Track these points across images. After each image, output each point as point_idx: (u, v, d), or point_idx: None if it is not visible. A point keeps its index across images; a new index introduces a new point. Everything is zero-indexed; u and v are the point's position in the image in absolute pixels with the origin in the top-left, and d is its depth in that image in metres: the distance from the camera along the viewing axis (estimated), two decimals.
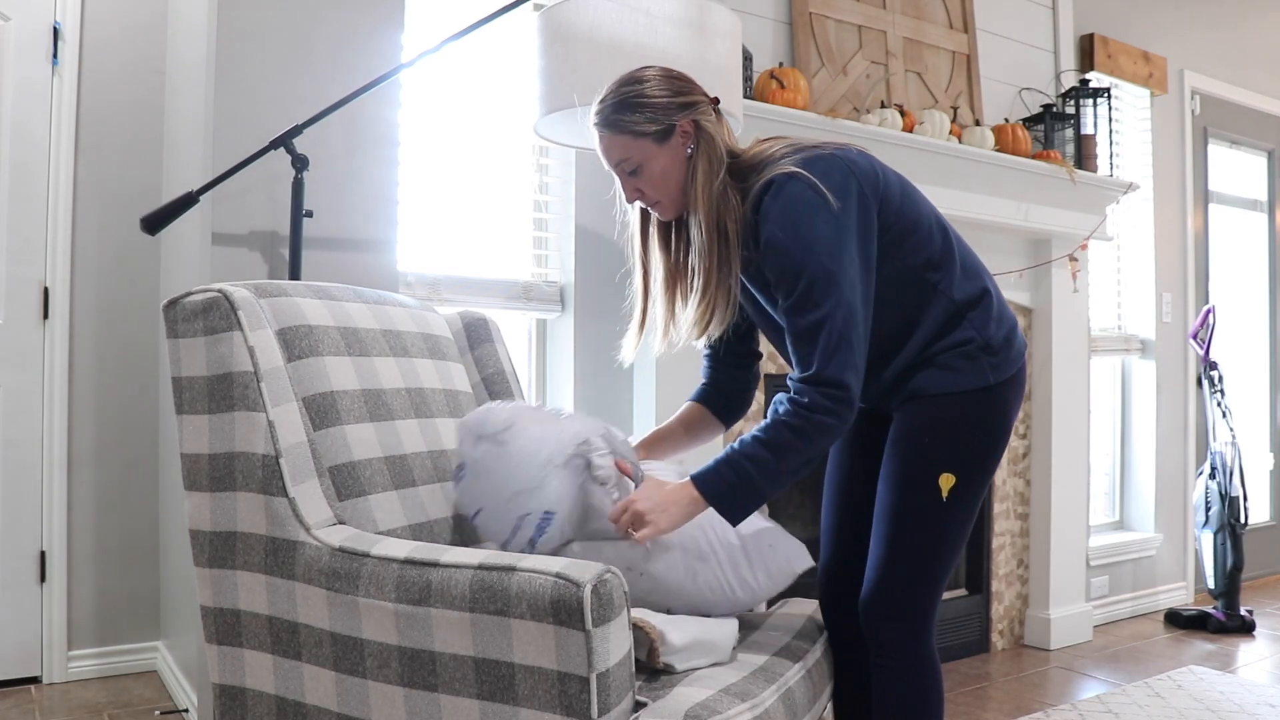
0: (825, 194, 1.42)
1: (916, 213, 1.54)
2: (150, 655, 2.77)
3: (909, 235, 1.52)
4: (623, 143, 1.50)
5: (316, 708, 1.35)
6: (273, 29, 2.10)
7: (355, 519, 1.46)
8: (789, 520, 2.93)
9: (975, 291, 1.55)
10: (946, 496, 1.51)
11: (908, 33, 3.15)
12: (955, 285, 1.54)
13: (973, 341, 1.52)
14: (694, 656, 1.38)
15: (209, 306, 1.42)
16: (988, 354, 1.53)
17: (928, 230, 1.54)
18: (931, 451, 1.52)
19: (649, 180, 1.51)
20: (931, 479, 1.51)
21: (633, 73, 1.53)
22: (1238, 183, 4.53)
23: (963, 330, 1.53)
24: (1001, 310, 1.58)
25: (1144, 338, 4.00)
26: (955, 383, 1.52)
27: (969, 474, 1.53)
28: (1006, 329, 1.56)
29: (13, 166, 2.62)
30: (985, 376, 1.52)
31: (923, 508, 1.52)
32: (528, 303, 2.59)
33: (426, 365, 1.74)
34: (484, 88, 2.62)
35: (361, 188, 2.19)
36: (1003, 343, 1.54)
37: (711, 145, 1.49)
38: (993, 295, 1.57)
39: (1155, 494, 3.96)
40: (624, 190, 1.56)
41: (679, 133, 1.49)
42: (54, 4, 2.66)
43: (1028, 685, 2.93)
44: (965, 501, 1.54)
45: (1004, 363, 1.54)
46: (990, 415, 1.54)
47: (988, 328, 1.54)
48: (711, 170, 1.48)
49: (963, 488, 1.52)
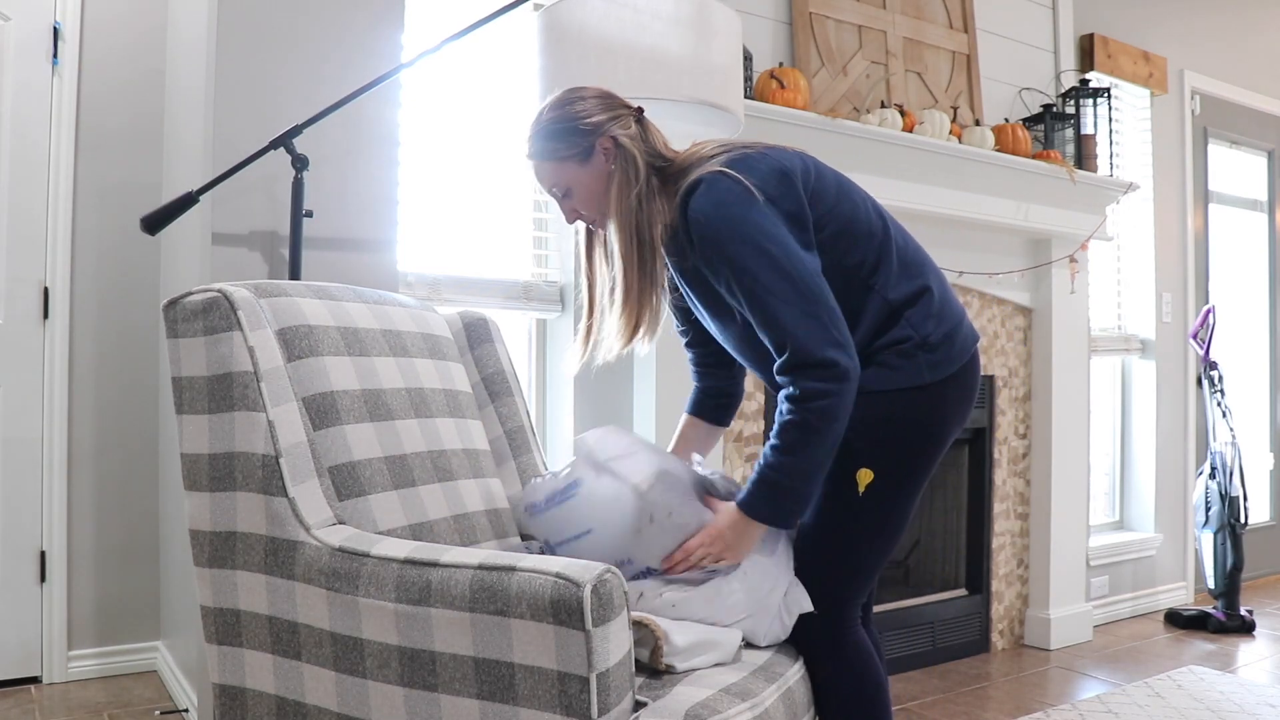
0: (751, 189, 1.45)
1: (853, 211, 1.54)
2: (150, 655, 2.77)
3: (843, 235, 1.52)
4: (550, 169, 1.58)
5: (316, 708, 1.35)
6: (273, 29, 2.10)
7: (355, 519, 1.46)
8: None
9: (913, 289, 1.54)
10: (863, 492, 1.50)
11: (908, 33, 3.15)
12: (891, 284, 1.53)
13: (909, 340, 1.51)
14: (697, 657, 1.38)
15: (209, 306, 1.42)
16: (925, 351, 1.51)
17: (865, 229, 1.54)
18: (852, 447, 1.49)
19: (580, 200, 1.58)
20: (848, 474, 1.50)
21: (553, 99, 1.60)
22: (1238, 183, 4.53)
23: (899, 329, 1.52)
24: (944, 307, 1.56)
25: (1144, 338, 4.00)
26: (890, 381, 1.50)
27: (889, 472, 1.51)
28: (948, 326, 1.54)
29: (13, 166, 2.62)
30: (921, 375, 1.50)
31: (837, 502, 1.52)
32: (528, 303, 2.59)
33: (426, 365, 1.74)
34: (484, 88, 2.62)
35: (361, 188, 2.19)
36: (942, 340, 1.53)
37: (629, 158, 1.52)
38: (933, 292, 1.56)
39: (1155, 494, 3.96)
40: (563, 213, 1.63)
41: (599, 151, 1.54)
42: (54, 4, 2.66)
43: (1028, 685, 2.93)
44: (885, 500, 1.52)
45: (943, 360, 1.52)
46: (923, 414, 1.52)
47: (925, 325, 1.52)
48: (627, 181, 1.52)
49: (882, 485, 1.50)
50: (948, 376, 1.52)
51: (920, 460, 1.54)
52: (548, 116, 1.57)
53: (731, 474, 2.68)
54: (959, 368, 1.54)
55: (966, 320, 1.59)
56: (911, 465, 1.53)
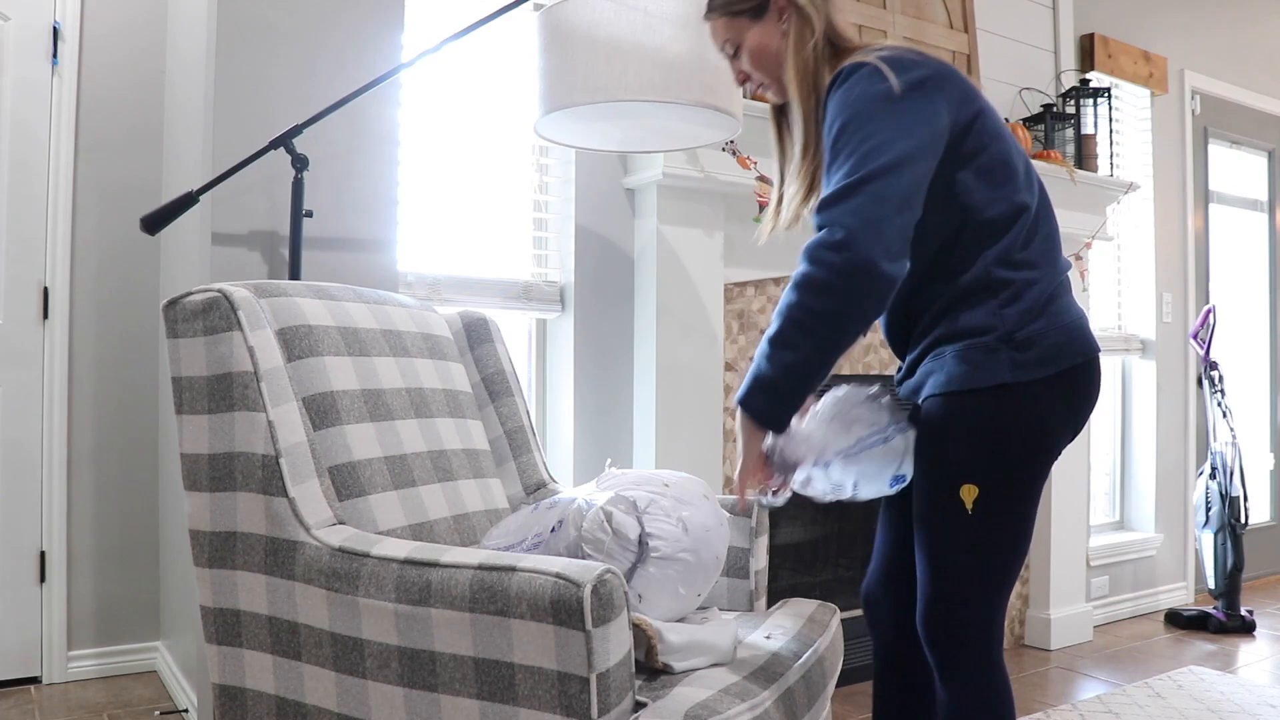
0: (889, 78, 1.35)
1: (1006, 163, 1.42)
2: (150, 655, 2.77)
3: (990, 175, 1.40)
4: (723, 24, 1.54)
5: (316, 708, 1.35)
6: (273, 29, 2.10)
7: (355, 519, 1.46)
8: (789, 520, 2.93)
9: (1017, 276, 1.40)
10: (972, 509, 1.38)
11: (908, 33, 3.15)
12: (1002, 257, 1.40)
13: (992, 331, 1.38)
14: (692, 656, 1.37)
15: (209, 306, 1.42)
16: (1011, 348, 1.38)
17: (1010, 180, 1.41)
18: (947, 461, 1.40)
19: (750, 59, 1.53)
20: (952, 492, 1.39)
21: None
22: (1238, 183, 4.53)
23: (986, 312, 1.39)
24: (1049, 305, 1.41)
25: (1144, 338, 4.00)
26: (966, 379, 1.38)
27: (995, 483, 1.38)
28: (1044, 325, 1.39)
29: (12, 166, 2.62)
30: (1002, 373, 1.37)
31: (949, 523, 1.40)
32: (528, 303, 2.58)
33: (426, 365, 1.74)
34: (484, 88, 2.62)
35: (361, 188, 2.19)
36: (1032, 338, 1.38)
37: (805, 20, 1.48)
38: (1042, 288, 1.41)
39: (1155, 494, 3.96)
40: (734, 74, 1.59)
41: (774, 8, 1.50)
42: (54, 4, 2.66)
43: (1028, 685, 2.93)
44: (998, 513, 1.39)
45: (1033, 361, 1.38)
46: (1014, 417, 1.38)
47: (1014, 317, 1.39)
48: (803, 41, 1.48)
49: (991, 498, 1.38)
50: (1040, 379, 1.38)
51: (1023, 467, 1.40)
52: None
53: (731, 473, 2.68)
54: (1056, 372, 1.39)
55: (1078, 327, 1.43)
56: (1015, 473, 1.40)
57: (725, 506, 1.75)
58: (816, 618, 1.71)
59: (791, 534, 2.95)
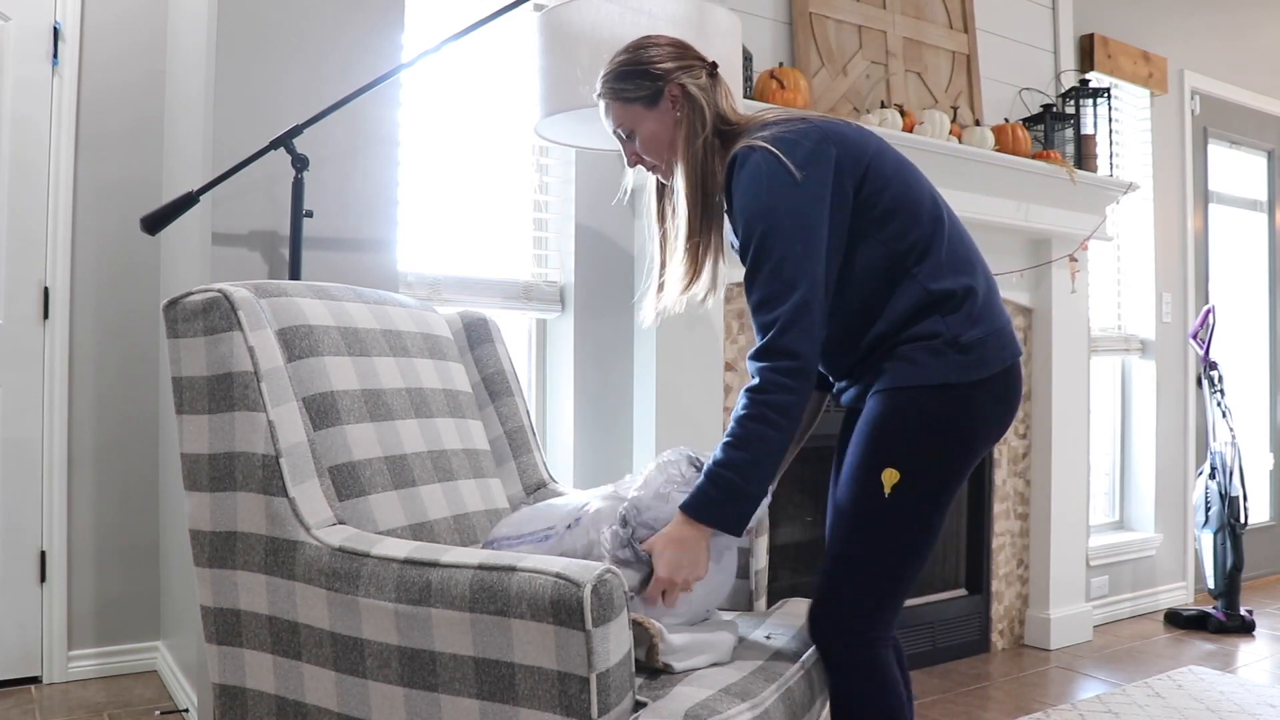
0: (787, 165, 1.43)
1: (906, 194, 1.50)
2: (150, 655, 2.77)
3: (894, 215, 1.48)
4: (617, 109, 1.60)
5: (316, 708, 1.35)
6: (273, 29, 2.10)
7: (355, 519, 1.46)
8: (789, 520, 2.93)
9: (956, 286, 1.48)
10: (889, 493, 1.43)
11: (908, 33, 3.15)
12: (934, 275, 1.47)
13: (939, 336, 1.45)
14: (693, 656, 1.38)
15: (209, 306, 1.42)
16: (956, 351, 1.45)
17: (915, 213, 1.49)
18: (877, 445, 1.45)
19: (643, 144, 1.59)
20: (874, 474, 1.44)
21: (630, 43, 1.61)
22: (1238, 183, 4.53)
23: (932, 322, 1.46)
24: (986, 311, 1.50)
25: (1144, 338, 4.00)
26: (913, 377, 1.45)
27: (917, 471, 1.44)
28: (985, 330, 1.48)
29: (13, 166, 2.62)
30: (948, 374, 1.44)
31: (863, 505, 1.46)
32: (528, 303, 2.59)
33: (426, 365, 1.74)
34: (484, 88, 2.63)
35: (361, 188, 2.19)
36: (975, 342, 1.46)
37: (696, 108, 1.54)
38: (977, 293, 1.49)
39: (1155, 494, 3.96)
40: (625, 156, 1.64)
41: (667, 97, 1.55)
42: (54, 4, 2.66)
43: (1028, 685, 2.93)
44: (914, 503, 1.45)
45: (974, 363, 1.45)
46: (951, 415, 1.45)
47: (960, 324, 1.46)
48: (693, 131, 1.53)
49: (910, 487, 1.44)
50: (977, 380, 1.46)
51: (948, 464, 1.47)
52: (620, 59, 1.59)
53: None
54: (991, 374, 1.47)
55: (1009, 331, 1.53)
56: (939, 468, 1.46)
57: None
58: None
59: (791, 534, 2.96)
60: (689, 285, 1.57)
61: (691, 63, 1.57)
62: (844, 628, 1.48)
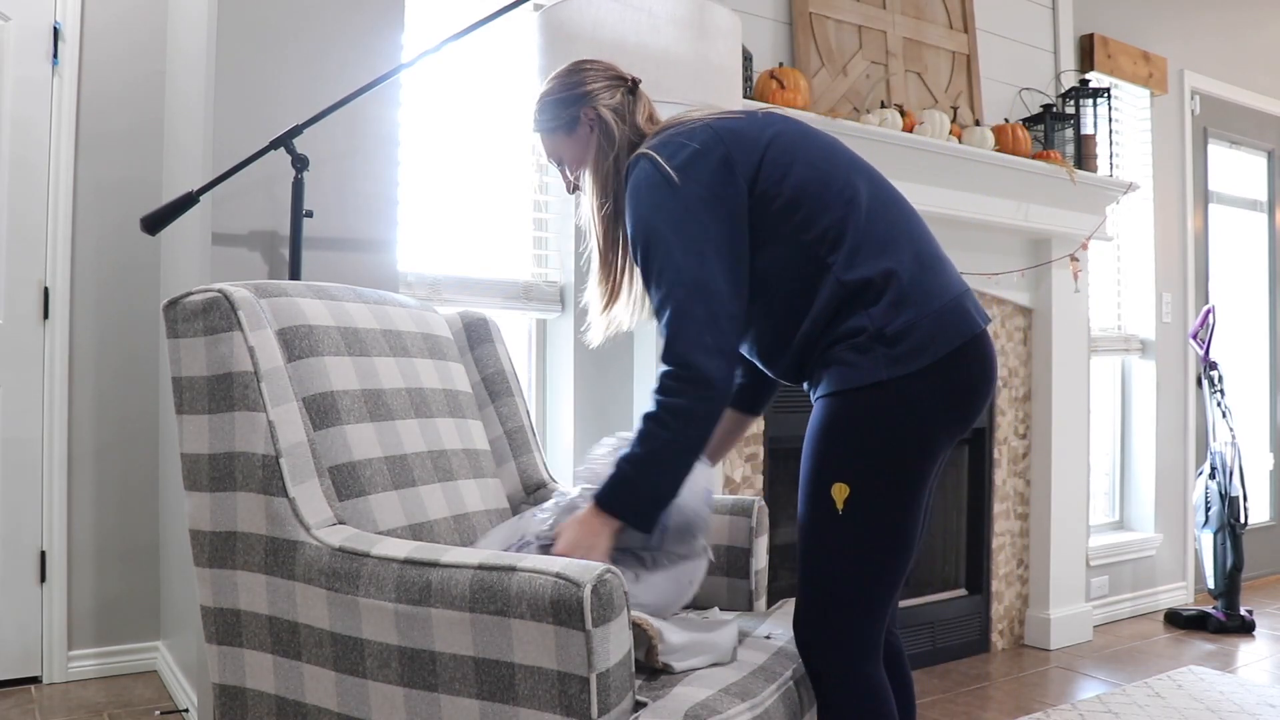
0: (666, 171, 1.41)
1: (810, 179, 1.42)
2: (150, 655, 2.77)
3: (798, 205, 1.40)
4: (544, 140, 1.61)
5: (316, 708, 1.35)
6: (273, 29, 2.10)
7: (355, 519, 1.46)
8: (789, 520, 2.93)
9: (872, 272, 1.37)
10: (843, 509, 1.36)
11: (908, 33, 3.15)
12: (848, 264, 1.38)
13: (864, 331, 1.36)
14: (692, 656, 1.38)
15: (209, 306, 1.42)
16: (882, 344, 1.35)
17: (820, 200, 1.41)
18: (819, 459, 1.38)
19: (570, 170, 1.60)
20: (823, 490, 1.37)
21: (553, 73, 1.61)
22: (1238, 183, 4.53)
23: (855, 317, 1.37)
24: (915, 293, 1.38)
25: (1144, 338, 4.00)
26: (844, 380, 1.36)
27: (867, 481, 1.36)
28: (914, 314, 1.36)
29: (13, 166, 2.62)
30: (878, 371, 1.34)
31: (820, 523, 1.39)
32: (528, 303, 2.59)
33: (426, 365, 1.74)
34: (484, 88, 2.63)
35: (361, 188, 2.19)
36: (904, 330, 1.35)
37: (605, 129, 1.53)
38: (899, 275, 1.38)
39: (1155, 494, 3.96)
40: (564, 183, 1.65)
41: (584, 122, 1.55)
42: (54, 4, 2.66)
43: (1028, 685, 2.93)
44: (872, 513, 1.36)
45: (907, 353, 1.34)
46: (890, 416, 1.35)
47: (883, 314, 1.36)
48: (601, 153, 1.54)
49: (863, 498, 1.36)
50: (914, 372, 1.35)
51: (900, 467, 1.37)
52: (543, 89, 1.60)
53: (731, 472, 2.68)
54: (932, 361, 1.35)
55: (955, 308, 1.40)
56: (891, 473, 1.36)
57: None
58: None
59: (791, 534, 2.96)
60: (609, 304, 1.56)
61: (606, 84, 1.56)
62: (828, 646, 1.41)
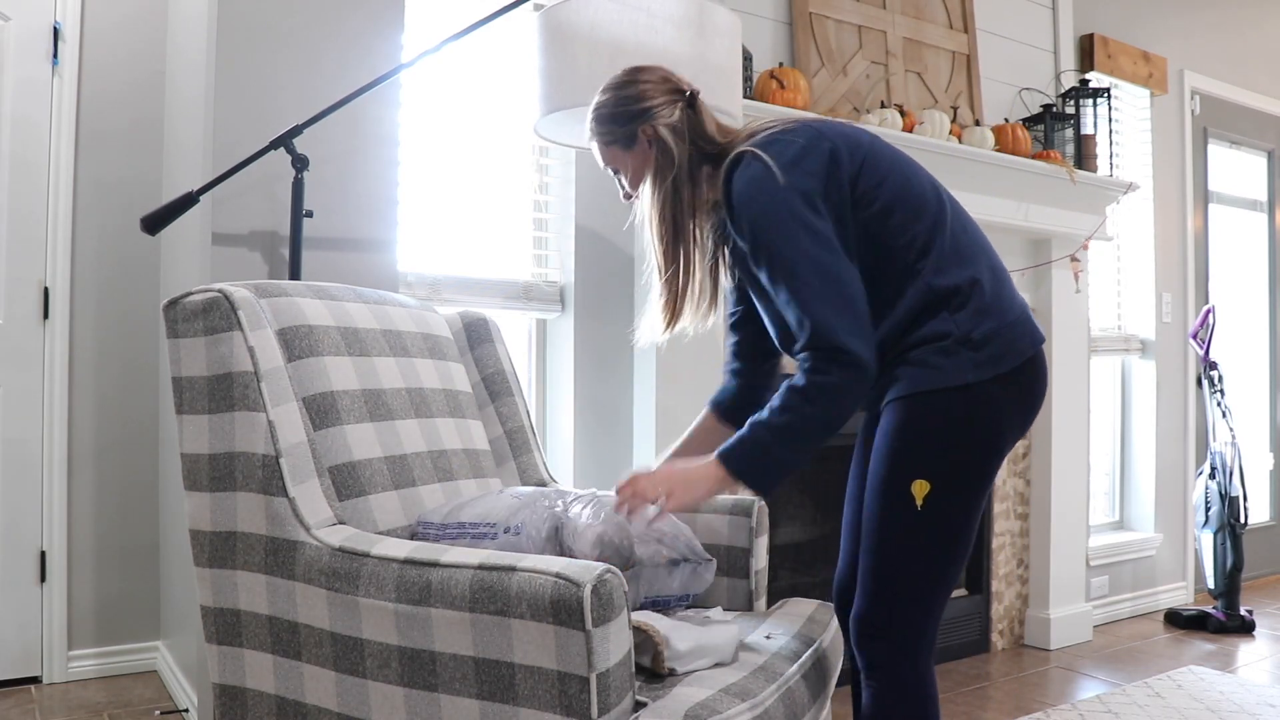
0: (774, 169, 1.43)
1: (906, 189, 1.48)
2: (150, 655, 2.77)
3: (892, 212, 1.46)
4: (601, 150, 1.61)
5: (316, 708, 1.35)
6: (273, 29, 2.10)
7: (355, 519, 1.46)
8: (789, 520, 2.93)
9: (960, 279, 1.45)
10: (922, 505, 1.41)
11: (908, 33, 3.15)
12: (938, 270, 1.45)
13: (949, 335, 1.43)
14: (697, 660, 1.38)
15: (209, 306, 1.42)
16: (968, 348, 1.42)
17: (916, 209, 1.47)
18: (902, 456, 1.43)
19: (629, 182, 1.60)
20: (903, 487, 1.42)
21: (612, 80, 1.60)
22: (1238, 183, 4.53)
23: (939, 322, 1.44)
24: (996, 302, 1.46)
25: (1144, 338, 4.00)
26: (929, 381, 1.42)
27: (947, 480, 1.42)
28: (997, 323, 1.45)
29: (13, 166, 2.62)
30: (964, 373, 1.41)
31: (897, 518, 1.43)
32: (528, 303, 2.59)
33: (426, 365, 1.74)
34: (484, 88, 2.62)
35: (361, 188, 2.19)
36: (988, 337, 1.43)
37: (665, 148, 1.53)
38: (984, 285, 1.46)
39: (1155, 494, 3.96)
40: (620, 190, 1.64)
41: (642, 138, 1.55)
42: (54, 4, 2.66)
43: (1028, 685, 2.93)
44: (948, 510, 1.43)
45: (990, 359, 1.43)
46: (972, 416, 1.42)
47: (969, 320, 1.43)
48: (662, 169, 1.53)
49: (942, 495, 1.42)
50: (996, 376, 1.43)
51: (978, 467, 1.44)
52: (601, 99, 1.59)
53: None
54: (1011, 368, 1.44)
55: (1026, 320, 1.49)
56: (970, 472, 1.44)
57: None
58: (816, 617, 1.71)
59: (791, 534, 2.96)
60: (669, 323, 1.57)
61: (666, 98, 1.55)
62: (890, 643, 1.45)
